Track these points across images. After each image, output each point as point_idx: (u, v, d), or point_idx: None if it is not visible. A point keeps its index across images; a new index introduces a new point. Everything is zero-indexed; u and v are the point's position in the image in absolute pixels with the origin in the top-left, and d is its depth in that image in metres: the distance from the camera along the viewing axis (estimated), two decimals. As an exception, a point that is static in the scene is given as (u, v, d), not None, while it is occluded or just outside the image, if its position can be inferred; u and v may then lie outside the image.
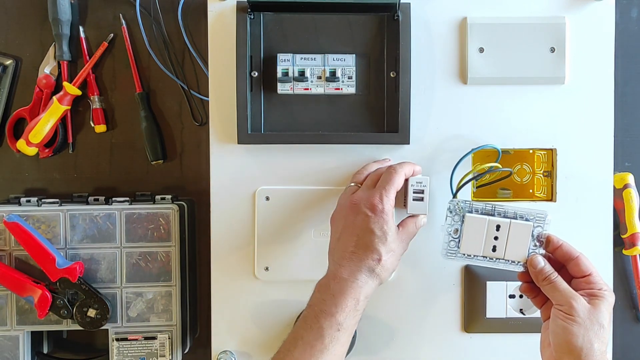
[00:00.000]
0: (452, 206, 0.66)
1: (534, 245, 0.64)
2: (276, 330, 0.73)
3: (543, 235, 0.63)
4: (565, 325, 0.57)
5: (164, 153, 0.82)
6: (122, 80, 0.81)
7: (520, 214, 0.64)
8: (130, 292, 0.74)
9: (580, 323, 0.57)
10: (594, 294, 0.59)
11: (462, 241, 0.65)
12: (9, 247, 0.74)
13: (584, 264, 0.61)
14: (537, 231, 0.64)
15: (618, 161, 0.77)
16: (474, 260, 0.65)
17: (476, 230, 0.64)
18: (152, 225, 0.74)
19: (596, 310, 0.57)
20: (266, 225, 0.72)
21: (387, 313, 0.73)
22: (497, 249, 0.64)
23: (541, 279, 0.61)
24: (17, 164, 0.81)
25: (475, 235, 0.64)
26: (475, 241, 0.65)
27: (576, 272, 0.61)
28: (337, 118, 0.72)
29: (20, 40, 0.81)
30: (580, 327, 0.57)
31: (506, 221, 0.64)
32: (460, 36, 0.73)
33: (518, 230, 0.64)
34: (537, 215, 0.64)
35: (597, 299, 0.58)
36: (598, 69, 0.73)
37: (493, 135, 0.73)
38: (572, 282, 0.61)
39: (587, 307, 0.58)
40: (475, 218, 0.65)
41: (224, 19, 0.72)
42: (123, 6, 0.81)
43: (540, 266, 0.61)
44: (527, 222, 0.64)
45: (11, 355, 0.74)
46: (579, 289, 0.60)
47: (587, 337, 0.56)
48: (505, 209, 0.65)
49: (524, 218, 0.64)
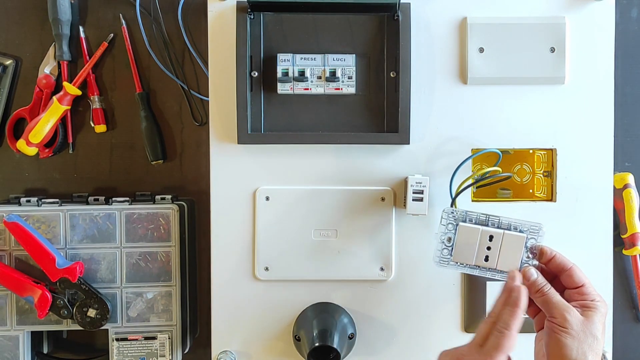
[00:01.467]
0: (446, 214, 0.65)
1: (527, 256, 0.63)
2: (276, 330, 0.73)
3: (536, 247, 0.63)
4: (559, 338, 0.57)
5: (164, 153, 0.82)
6: (122, 80, 0.81)
7: (514, 225, 0.64)
8: (130, 292, 0.74)
9: (574, 336, 0.57)
10: (587, 306, 0.59)
11: (455, 250, 0.65)
12: (9, 247, 0.74)
13: (577, 275, 0.60)
14: (531, 243, 0.63)
15: (618, 161, 0.77)
16: (466, 269, 0.65)
17: (469, 239, 0.64)
18: (152, 225, 0.74)
19: (589, 322, 0.57)
20: (266, 225, 0.72)
21: (387, 313, 0.73)
22: (490, 259, 0.64)
23: (534, 291, 0.60)
24: (17, 164, 0.81)
25: (467, 245, 0.64)
26: (468, 250, 0.64)
27: (569, 283, 0.61)
28: (337, 118, 0.72)
29: (20, 40, 0.81)
30: (574, 339, 0.56)
31: (499, 232, 0.64)
32: (460, 36, 0.73)
33: (511, 242, 0.63)
34: (532, 227, 0.64)
35: (590, 310, 0.58)
36: (598, 69, 0.73)
37: (493, 135, 0.73)
38: (565, 292, 0.61)
39: (581, 320, 0.57)
40: (469, 228, 0.64)
41: (224, 19, 0.72)
42: (123, 6, 0.81)
43: (533, 278, 0.61)
44: (520, 234, 0.63)
45: (11, 355, 0.74)
46: (572, 300, 0.60)
47: (581, 350, 0.56)
48: (500, 219, 0.64)
49: (517, 229, 0.64)
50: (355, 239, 0.72)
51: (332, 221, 0.72)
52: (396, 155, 0.72)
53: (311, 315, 0.72)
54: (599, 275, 0.71)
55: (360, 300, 0.73)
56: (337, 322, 0.71)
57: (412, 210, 0.68)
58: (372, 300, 0.73)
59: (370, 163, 0.73)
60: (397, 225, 0.73)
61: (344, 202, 0.72)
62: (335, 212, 0.72)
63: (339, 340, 0.68)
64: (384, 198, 0.72)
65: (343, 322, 0.71)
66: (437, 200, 0.72)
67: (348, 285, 0.73)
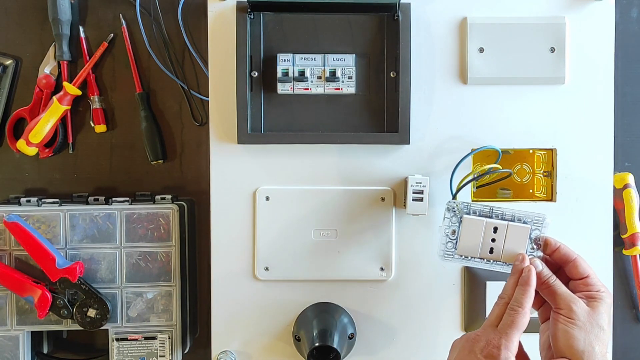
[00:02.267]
0: (450, 207, 0.65)
1: (531, 248, 0.63)
2: (276, 330, 0.73)
3: (541, 238, 0.63)
4: (565, 329, 0.57)
5: (164, 153, 0.82)
6: (122, 80, 0.81)
7: (518, 217, 0.64)
8: (130, 292, 0.75)
9: (580, 326, 0.57)
10: (592, 296, 0.59)
11: (459, 242, 0.65)
12: (9, 247, 0.74)
13: (581, 266, 0.61)
14: (535, 234, 0.63)
15: (618, 161, 0.77)
16: (471, 262, 0.65)
17: (473, 231, 0.64)
18: (152, 225, 0.74)
19: (595, 312, 0.57)
20: (266, 225, 0.72)
21: (387, 313, 0.73)
22: (494, 251, 0.64)
23: (540, 283, 0.60)
24: (17, 164, 0.81)
25: (472, 237, 0.64)
26: (472, 243, 0.64)
27: (574, 274, 0.61)
28: (337, 118, 0.72)
29: (20, 40, 0.81)
30: (580, 330, 0.57)
31: (504, 223, 0.64)
32: (460, 36, 0.73)
33: (515, 233, 0.63)
34: (535, 218, 0.64)
35: (596, 301, 0.58)
36: (598, 69, 0.73)
37: (493, 136, 0.73)
38: (570, 284, 0.61)
39: (587, 310, 0.58)
40: (473, 220, 0.64)
41: (224, 19, 0.72)
42: (123, 6, 0.81)
43: (538, 269, 0.61)
44: (524, 225, 0.63)
45: (11, 355, 0.74)
46: (577, 291, 0.60)
47: (588, 340, 0.56)
48: (504, 211, 0.64)
49: (521, 221, 0.64)
50: (355, 239, 0.72)
51: (332, 221, 0.72)
52: (396, 155, 0.72)
53: (311, 315, 0.72)
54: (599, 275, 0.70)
55: (360, 300, 0.73)
56: (337, 322, 0.71)
57: (412, 210, 0.68)
58: (372, 300, 0.73)
59: (370, 163, 0.73)
60: (397, 225, 0.73)
61: (344, 202, 0.72)
62: (335, 212, 0.72)
63: (339, 340, 0.68)
64: (384, 198, 0.72)
65: (343, 322, 0.71)
66: (437, 200, 0.72)
67: (348, 285, 0.73)
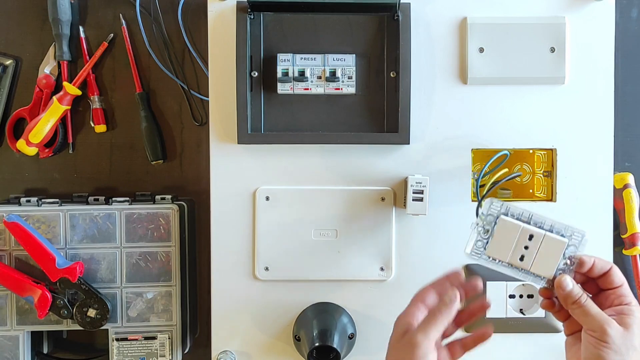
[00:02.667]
0: (488, 205, 0.61)
1: (564, 264, 0.59)
2: (276, 330, 0.73)
3: (575, 257, 0.59)
4: (599, 353, 0.54)
5: (164, 153, 0.82)
6: (122, 80, 0.81)
7: (557, 229, 0.60)
8: (130, 292, 0.74)
9: (615, 350, 0.54)
10: (623, 311, 0.56)
11: (490, 243, 0.60)
12: (9, 247, 0.74)
13: (617, 275, 0.58)
14: (571, 251, 0.59)
15: (618, 161, 0.77)
16: (497, 265, 0.61)
17: (508, 235, 0.60)
18: (152, 225, 0.74)
19: (629, 333, 0.55)
20: (266, 225, 0.72)
21: (387, 313, 0.73)
22: (525, 259, 0.60)
23: (570, 302, 0.57)
24: (17, 164, 0.81)
25: (505, 240, 0.60)
26: (504, 246, 0.60)
27: (608, 284, 0.58)
28: (337, 118, 0.72)
29: (20, 40, 0.81)
30: (615, 354, 0.54)
31: (541, 232, 0.59)
32: (460, 36, 0.73)
33: (551, 245, 0.59)
34: (575, 233, 0.59)
35: (628, 317, 0.55)
36: (598, 69, 0.73)
37: (493, 135, 0.73)
38: (601, 295, 0.58)
39: (621, 332, 0.54)
40: (510, 222, 0.60)
41: (224, 19, 0.72)
42: (123, 6, 0.81)
43: (569, 288, 0.57)
44: (562, 238, 0.59)
45: (11, 355, 0.74)
46: (608, 304, 0.57)
47: None
48: (543, 219, 0.60)
49: (560, 233, 0.60)
50: (355, 239, 0.72)
51: (332, 221, 0.72)
52: (396, 155, 0.72)
53: (311, 315, 0.72)
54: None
55: (360, 300, 0.73)
56: (337, 322, 0.71)
57: (412, 210, 0.68)
58: (372, 300, 0.73)
59: (370, 163, 0.73)
60: (397, 225, 0.73)
61: (344, 202, 0.72)
62: (335, 212, 0.72)
63: (339, 340, 0.68)
64: (384, 198, 0.72)
65: (343, 322, 0.71)
66: (437, 200, 0.72)
67: (348, 285, 0.73)
